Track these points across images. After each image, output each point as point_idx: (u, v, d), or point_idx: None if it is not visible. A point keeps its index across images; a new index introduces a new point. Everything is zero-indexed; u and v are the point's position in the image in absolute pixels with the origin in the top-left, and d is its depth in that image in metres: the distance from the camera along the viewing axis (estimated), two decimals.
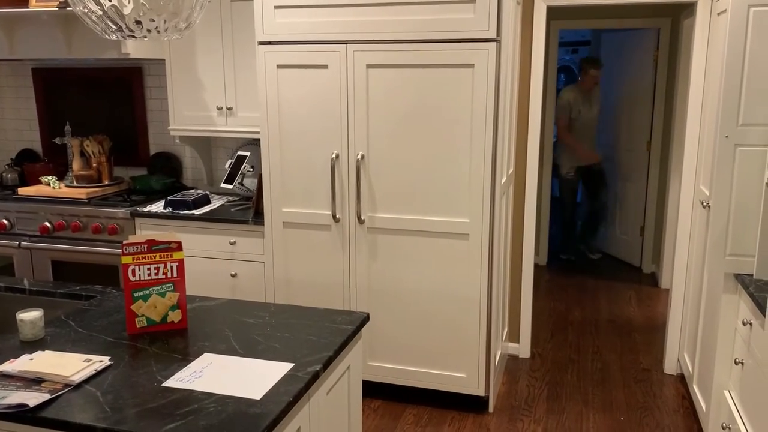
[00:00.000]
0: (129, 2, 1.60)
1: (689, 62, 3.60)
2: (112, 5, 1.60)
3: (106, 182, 3.98)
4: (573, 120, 5.54)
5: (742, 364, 2.53)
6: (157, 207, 3.66)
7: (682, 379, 3.66)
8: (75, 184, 3.93)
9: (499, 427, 3.18)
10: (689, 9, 4.15)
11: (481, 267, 3.08)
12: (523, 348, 3.97)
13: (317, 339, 1.92)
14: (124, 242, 1.92)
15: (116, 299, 2.24)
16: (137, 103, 4.18)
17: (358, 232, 3.22)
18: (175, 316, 2.00)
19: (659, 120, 5.34)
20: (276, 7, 3.12)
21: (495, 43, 2.88)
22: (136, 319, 1.96)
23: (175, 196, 3.66)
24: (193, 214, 3.53)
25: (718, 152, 2.60)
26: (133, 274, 1.94)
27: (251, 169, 3.74)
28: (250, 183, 3.77)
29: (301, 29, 3.11)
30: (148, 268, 1.95)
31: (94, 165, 3.98)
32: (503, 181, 3.21)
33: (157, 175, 4.07)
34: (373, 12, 2.99)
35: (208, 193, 3.83)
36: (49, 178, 3.96)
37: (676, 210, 3.81)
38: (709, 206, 2.91)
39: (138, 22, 1.66)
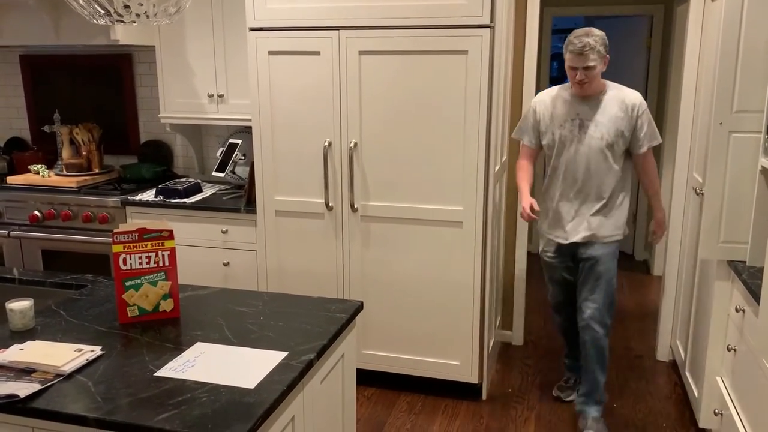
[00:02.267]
0: None
1: (683, 49, 3.59)
2: None
3: (96, 171, 3.93)
4: (549, 149, 2.96)
5: (735, 350, 2.54)
6: (148, 195, 3.63)
7: (674, 366, 3.68)
8: (65, 172, 3.89)
9: (492, 414, 3.19)
10: None
11: (474, 255, 3.07)
12: (516, 335, 3.98)
13: (311, 328, 1.91)
14: (115, 231, 1.90)
15: (107, 288, 2.22)
16: (127, 91, 4.13)
17: (351, 221, 3.20)
18: (167, 305, 1.98)
19: (652, 107, 5.33)
20: None
21: (489, 29, 2.85)
22: (128, 309, 1.94)
23: (166, 185, 3.63)
24: (185, 202, 3.50)
25: (712, 139, 2.59)
26: (125, 263, 1.92)
27: (243, 157, 3.71)
28: (242, 171, 3.74)
29: (292, 15, 3.07)
30: (140, 257, 1.93)
31: (84, 153, 3.93)
32: (497, 168, 3.20)
33: (148, 164, 4.03)
34: None
35: (199, 181, 3.80)
36: (39, 166, 3.92)
37: (668, 197, 3.81)
38: (702, 193, 2.91)
39: (127, 6, 1.63)
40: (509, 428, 3.08)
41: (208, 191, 3.75)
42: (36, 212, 3.69)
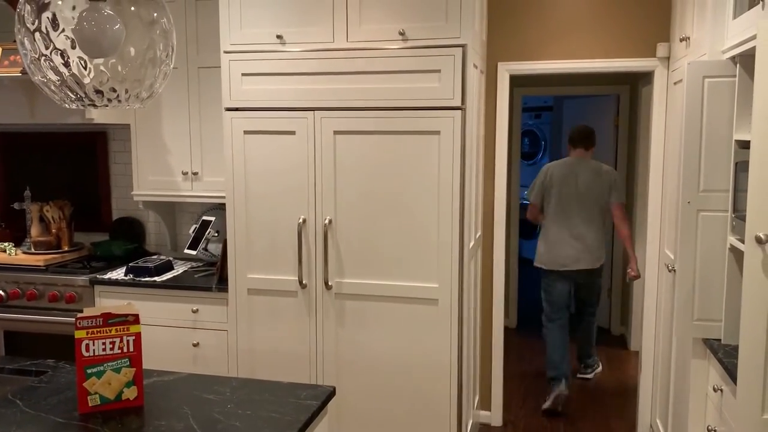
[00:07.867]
0: (89, 72, 1.57)
1: (649, 127, 3.70)
2: (72, 74, 1.57)
3: (66, 248, 3.86)
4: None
5: (715, 431, 2.50)
6: (118, 274, 3.56)
7: None
8: (33, 250, 3.81)
9: None
10: (647, 77, 4.29)
11: (450, 332, 3.03)
12: (494, 416, 3.88)
13: (280, 416, 1.83)
14: (78, 316, 1.84)
15: (68, 375, 2.13)
16: (101, 168, 4.11)
17: (325, 298, 3.16)
18: (130, 393, 1.90)
19: (621, 183, 5.43)
20: (243, 75, 3.13)
21: (460, 111, 2.92)
22: (89, 397, 1.86)
23: (137, 263, 3.56)
24: (155, 281, 3.43)
25: (681, 217, 2.63)
26: (87, 350, 1.85)
27: (216, 234, 3.67)
28: (215, 248, 3.70)
29: (268, 96, 3.11)
30: (103, 343, 1.86)
31: (54, 231, 3.87)
32: (471, 245, 3.20)
33: (119, 241, 3.97)
34: (339, 80, 3.02)
35: (171, 259, 3.74)
36: (6, 244, 3.84)
37: (642, 272, 3.83)
38: (674, 270, 2.93)
39: (98, 91, 1.63)
40: None
41: (179, 269, 3.69)
42: (0, 291, 3.58)
